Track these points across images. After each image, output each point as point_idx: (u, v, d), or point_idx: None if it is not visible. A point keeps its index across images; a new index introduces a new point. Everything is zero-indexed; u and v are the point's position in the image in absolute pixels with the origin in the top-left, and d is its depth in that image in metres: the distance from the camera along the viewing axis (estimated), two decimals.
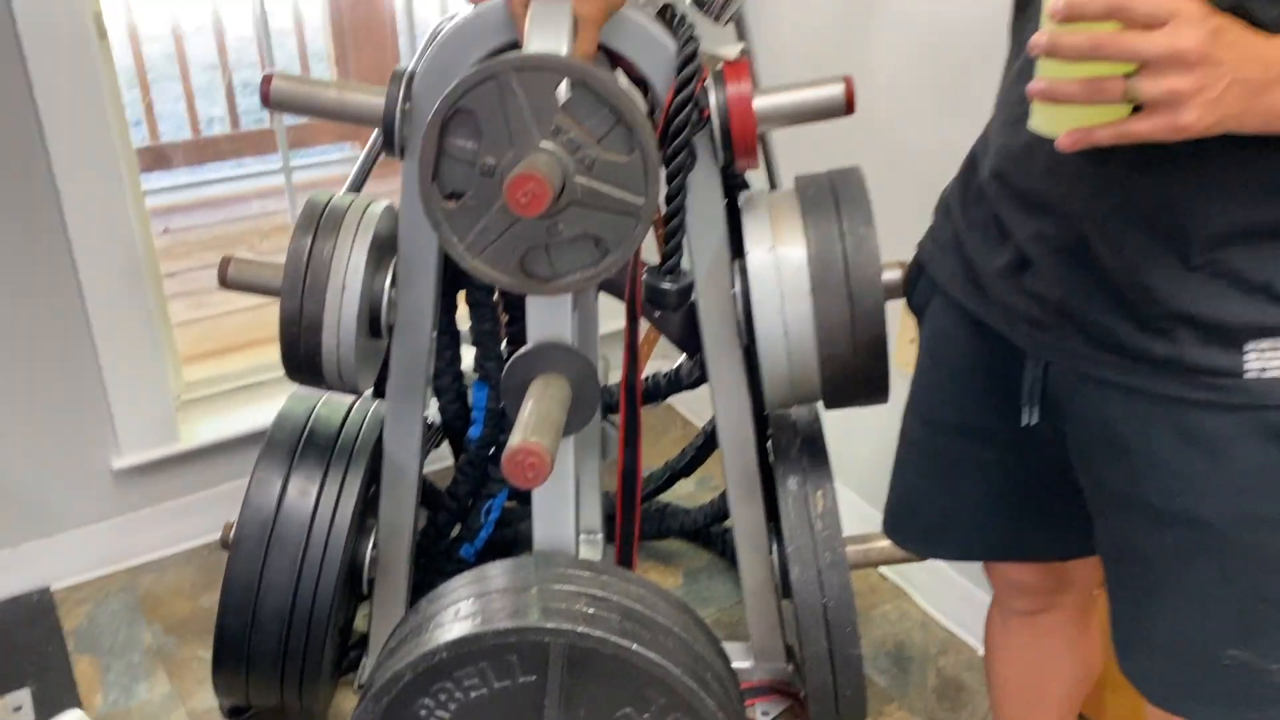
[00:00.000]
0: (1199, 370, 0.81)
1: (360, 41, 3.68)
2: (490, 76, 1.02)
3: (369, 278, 1.29)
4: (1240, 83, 0.67)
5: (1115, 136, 0.69)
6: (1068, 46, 0.67)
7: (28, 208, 1.63)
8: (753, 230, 1.26)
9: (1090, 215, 0.82)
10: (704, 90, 1.19)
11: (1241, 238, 0.78)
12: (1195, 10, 0.65)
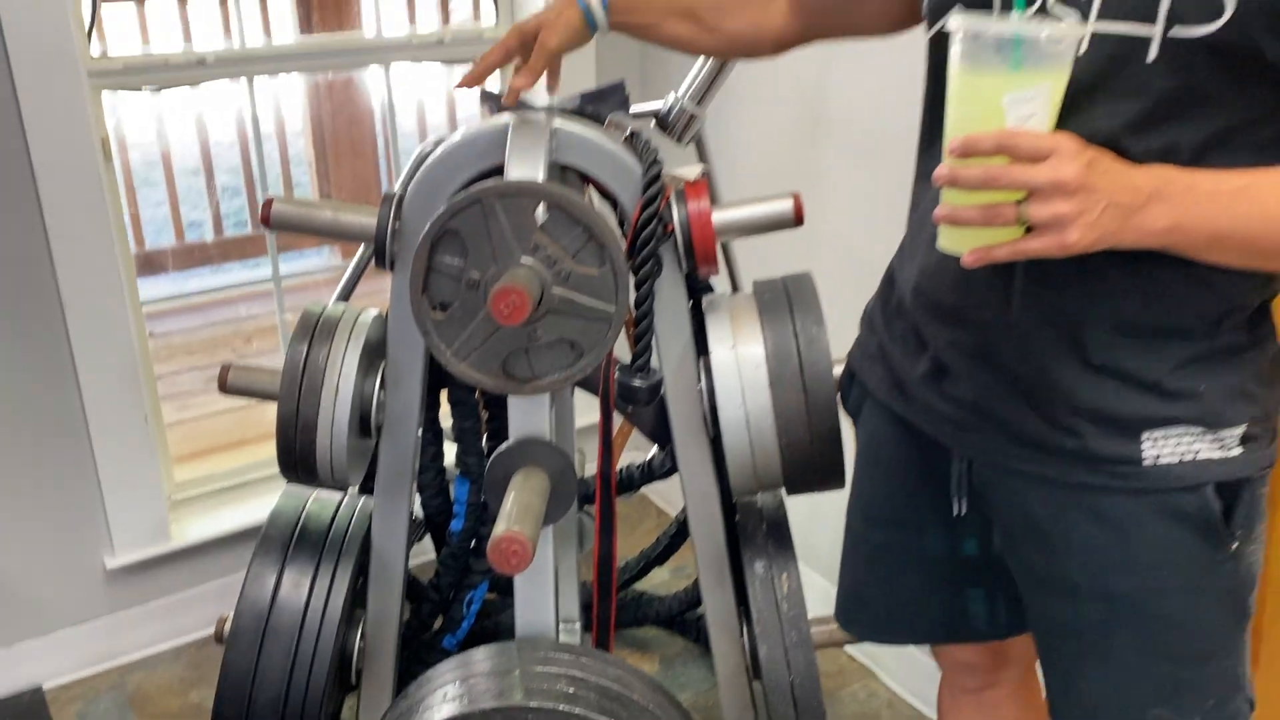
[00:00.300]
0: (1103, 460, 0.92)
1: (341, 150, 3.84)
2: (476, 201, 1.14)
3: (360, 381, 1.39)
4: (1115, 206, 0.78)
5: (1012, 254, 0.79)
6: (966, 178, 0.78)
7: (33, 315, 1.73)
8: (715, 330, 1.38)
9: (997, 324, 0.93)
10: (668, 207, 1.31)
11: (1130, 339, 0.89)
12: (1072, 145, 0.77)
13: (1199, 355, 0.90)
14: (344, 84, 3.59)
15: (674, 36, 1.23)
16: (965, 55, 0.80)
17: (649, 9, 1.21)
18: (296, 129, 3.97)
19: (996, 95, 0.79)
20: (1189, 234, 0.81)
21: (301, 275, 3.43)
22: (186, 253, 3.70)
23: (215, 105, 3.56)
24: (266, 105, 3.55)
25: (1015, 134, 0.77)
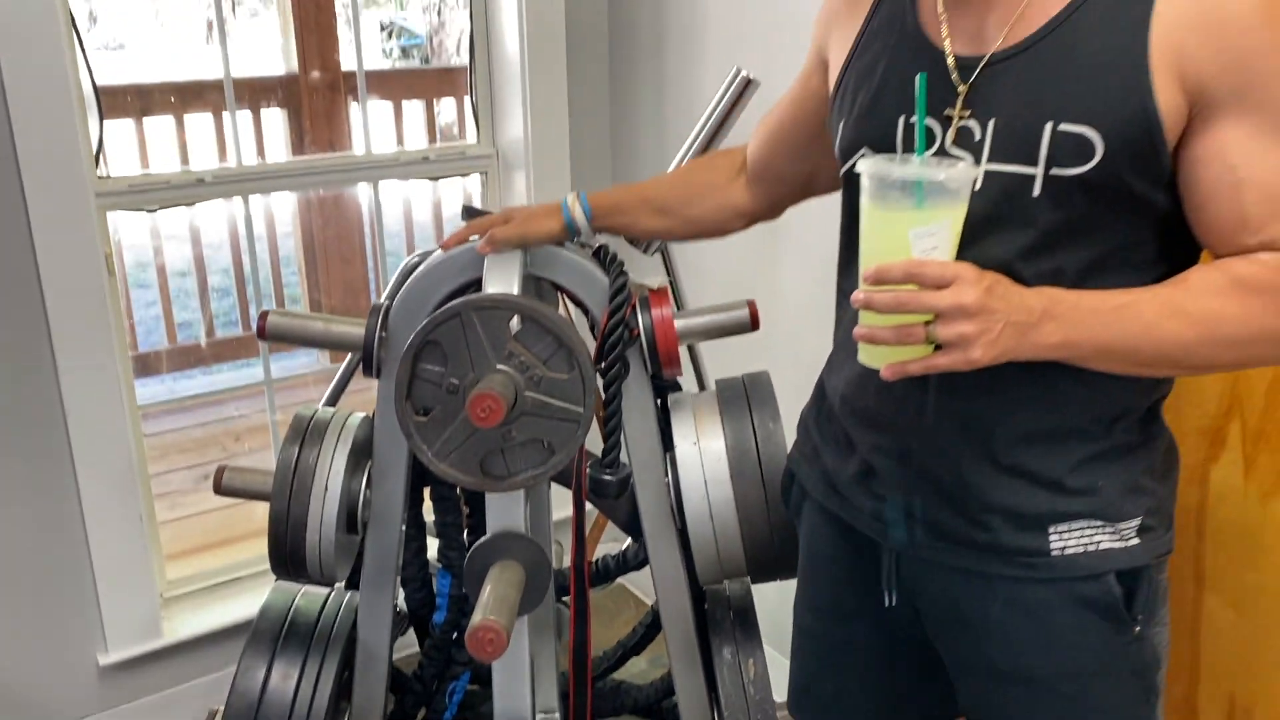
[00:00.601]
0: (1015, 552, 1.00)
1: (330, 256, 3.98)
2: (455, 315, 1.25)
3: (348, 481, 1.48)
4: (1012, 325, 0.87)
5: (924, 368, 0.89)
6: (879, 303, 0.87)
7: (36, 418, 1.83)
8: (679, 427, 1.48)
9: (915, 429, 1.02)
10: (633, 314, 1.42)
11: (1034, 441, 0.99)
12: (972, 272, 0.87)
13: (1096, 454, 0.99)
14: (334, 195, 3.75)
15: (650, 230, 1.39)
16: (874, 194, 0.91)
17: (624, 212, 1.36)
18: (286, 230, 4.12)
19: (903, 229, 0.89)
20: (1079, 347, 0.90)
21: (291, 376, 3.53)
22: (180, 354, 3.80)
23: (209, 211, 3.70)
24: (259, 212, 3.70)
25: (921, 263, 0.87)
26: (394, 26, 9.69)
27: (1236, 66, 0.86)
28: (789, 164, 1.27)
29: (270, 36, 4.93)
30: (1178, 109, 0.88)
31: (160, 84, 3.68)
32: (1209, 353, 0.92)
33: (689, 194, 1.36)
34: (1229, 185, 0.89)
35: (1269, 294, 0.89)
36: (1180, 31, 0.87)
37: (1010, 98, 0.93)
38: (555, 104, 2.21)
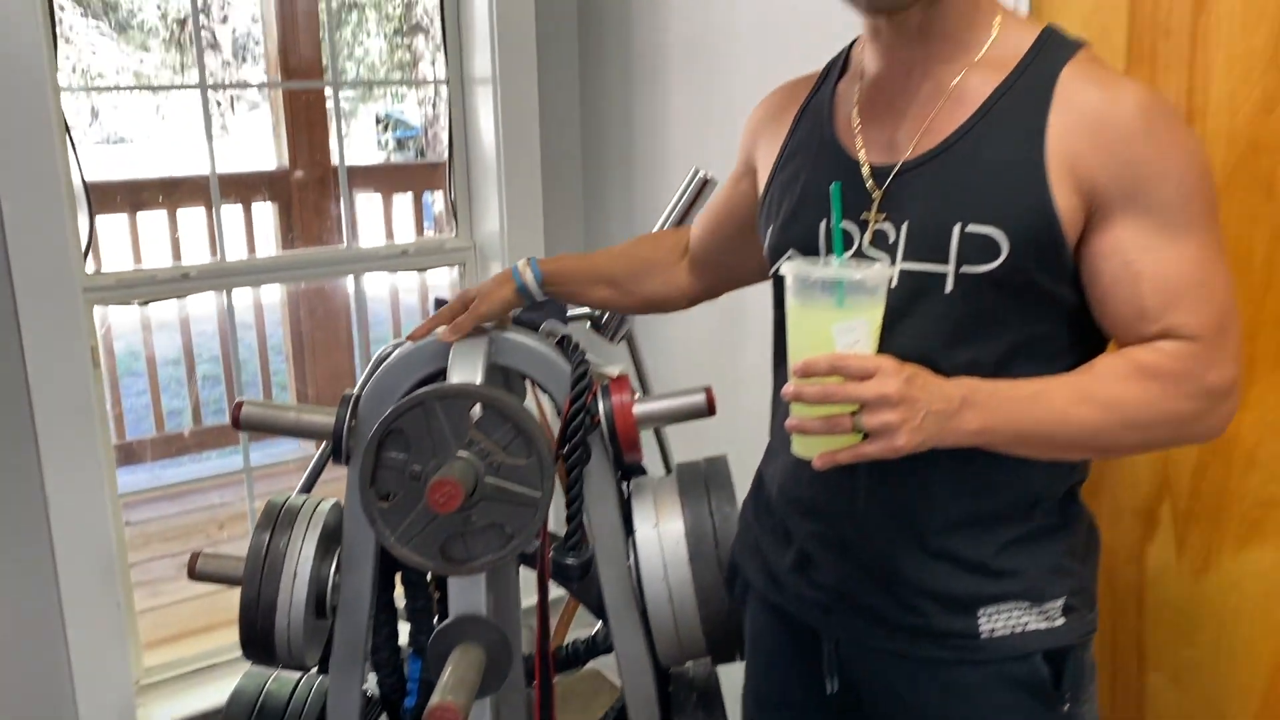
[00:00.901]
0: (946, 635, 1.04)
1: (317, 343, 4.05)
2: (419, 404, 1.31)
3: (317, 566, 1.52)
4: (933, 413, 0.92)
5: (852, 457, 0.92)
6: (807, 395, 0.92)
7: (18, 508, 1.87)
8: (640, 510, 1.52)
9: (848, 517, 1.07)
10: (594, 401, 1.48)
11: (960, 527, 1.03)
12: (893, 364, 0.92)
13: (1019, 537, 1.04)
14: (321, 285, 3.84)
15: (599, 300, 1.45)
16: (798, 294, 0.97)
17: (573, 280, 1.43)
18: (276, 318, 4.20)
19: (827, 326, 0.94)
20: (997, 433, 0.96)
21: (275, 464, 3.56)
22: (164, 443, 3.85)
23: (200, 301, 3.79)
24: (247, 302, 3.79)
25: (844, 357, 0.91)
26: (390, 119, 9.94)
27: (1125, 172, 0.94)
28: (723, 254, 1.35)
29: (264, 132, 5.08)
30: (1075, 210, 0.96)
31: (154, 179, 3.80)
32: (1116, 436, 0.97)
33: (636, 269, 1.43)
34: (1127, 279, 0.96)
35: (1168, 380, 0.95)
36: (1072, 140, 0.95)
37: (921, 202, 1.00)
38: (530, 199, 2.31)
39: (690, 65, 2.10)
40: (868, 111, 1.07)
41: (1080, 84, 0.96)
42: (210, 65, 9.40)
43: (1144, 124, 0.94)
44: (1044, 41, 1.00)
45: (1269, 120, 1.18)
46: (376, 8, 8.87)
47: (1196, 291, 0.95)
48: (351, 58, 9.45)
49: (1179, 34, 1.24)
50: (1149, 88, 0.97)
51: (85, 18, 8.95)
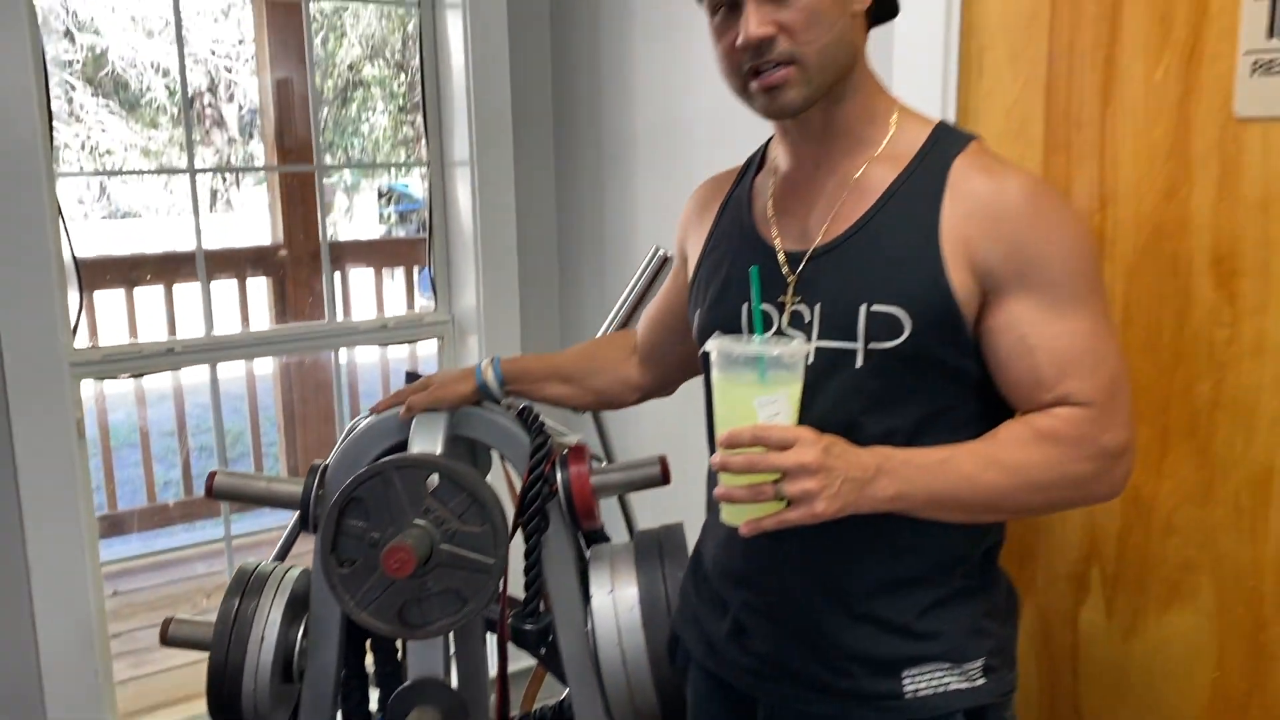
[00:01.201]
0: (874, 696, 1.09)
1: (308, 412, 4.12)
2: (378, 473, 1.37)
3: (284, 631, 1.57)
4: (850, 480, 0.98)
5: (776, 524, 0.98)
6: (732, 465, 0.97)
7: None
8: (596, 577, 1.57)
9: (777, 585, 1.13)
10: (552, 470, 1.55)
11: (882, 591, 1.09)
12: (810, 434, 0.98)
13: (938, 600, 1.09)
14: (312, 357, 3.93)
15: (556, 396, 1.53)
16: (722, 369, 1.03)
17: (532, 379, 1.50)
18: (268, 386, 4.27)
19: (750, 399, 1.01)
20: (910, 499, 1.02)
21: (259, 532, 3.61)
22: (153, 513, 3.90)
23: (194, 372, 3.87)
24: (241, 373, 3.87)
25: (766, 428, 0.98)
26: (392, 192, 10.13)
27: (1014, 254, 1.02)
28: (669, 346, 1.42)
29: (261, 209, 5.22)
30: (970, 289, 1.03)
31: (151, 255, 3.91)
32: (1022, 498, 1.04)
33: (591, 367, 1.51)
34: (1023, 352, 1.03)
35: (1066, 443, 1.02)
36: (965, 226, 1.03)
37: (831, 285, 1.07)
38: (506, 275, 2.39)
39: (655, 151, 2.20)
40: (781, 203, 1.15)
41: (970, 174, 1.05)
42: (217, 141, 9.64)
43: (1030, 209, 1.02)
44: (937, 136, 1.09)
45: (1170, 206, 1.26)
46: (382, 84, 9.11)
47: (1087, 361, 1.02)
48: (356, 133, 9.69)
49: (1090, 126, 1.33)
50: (1033, 176, 1.06)
51: (96, 97, 9.20)
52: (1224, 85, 1.20)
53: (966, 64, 1.47)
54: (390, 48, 8.54)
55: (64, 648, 1.97)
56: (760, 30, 1.02)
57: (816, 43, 1.03)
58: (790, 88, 1.04)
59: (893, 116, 1.12)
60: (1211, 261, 1.23)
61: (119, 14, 8.51)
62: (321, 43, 8.54)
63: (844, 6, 1.05)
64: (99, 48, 8.95)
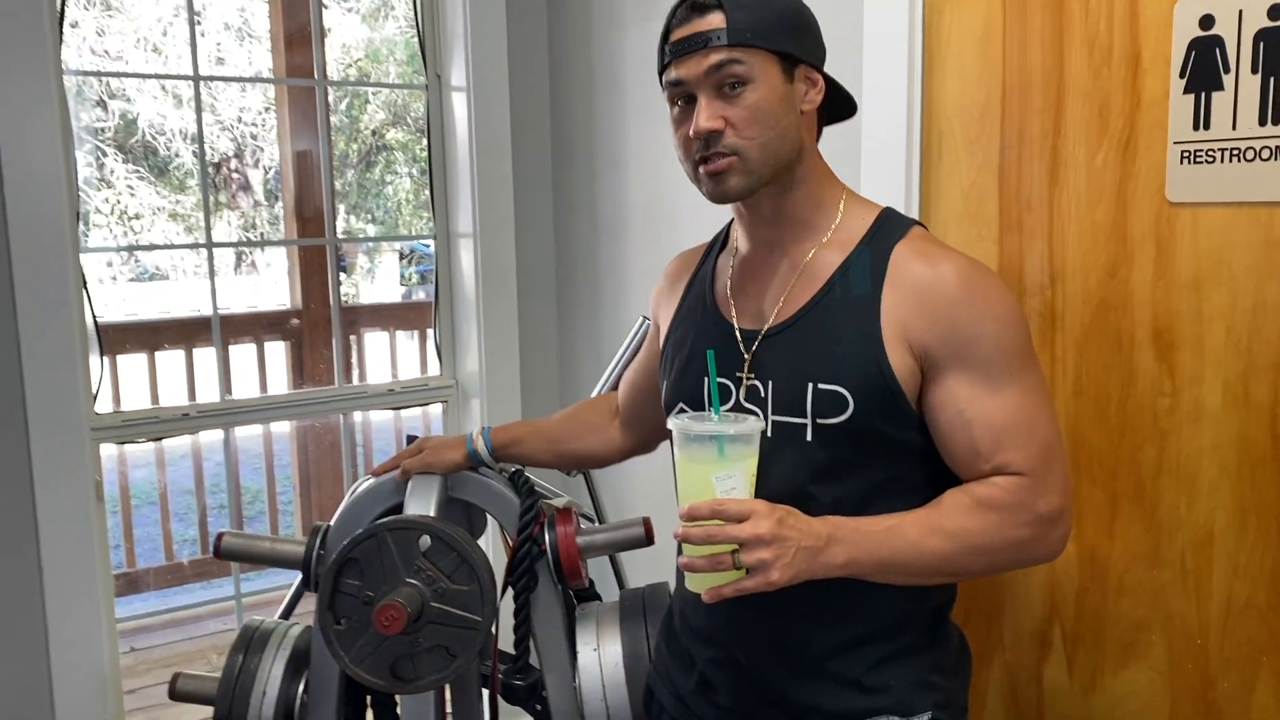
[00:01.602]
0: None
1: (322, 473, 4.22)
2: (372, 535, 1.46)
3: (285, 686, 1.64)
4: (803, 549, 1.04)
5: (735, 591, 1.04)
6: (693, 536, 1.04)
7: (19, 633, 2.00)
8: (583, 634, 1.64)
9: (738, 643, 1.20)
10: (541, 531, 1.63)
11: (835, 648, 1.16)
12: (765, 507, 1.04)
13: (887, 655, 1.16)
14: (326, 420, 4.04)
15: (544, 461, 1.62)
16: (682, 446, 1.10)
17: (521, 445, 1.59)
18: (285, 445, 4.38)
19: (709, 474, 1.06)
20: (860, 565, 1.08)
21: (270, 590, 3.69)
22: (169, 571, 3.99)
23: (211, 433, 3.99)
24: (257, 432, 3.98)
25: (723, 502, 1.03)
26: (414, 253, 10.33)
27: (949, 335, 1.10)
28: (647, 409, 1.50)
29: (284, 270, 5.37)
30: (910, 369, 1.11)
31: (172, 320, 4.05)
32: (965, 561, 1.11)
33: (575, 430, 1.60)
34: (961, 425, 1.11)
35: (1004, 510, 1.09)
36: (902, 310, 1.11)
37: (782, 364, 1.16)
38: (507, 342, 2.50)
39: (646, 223, 2.31)
40: (739, 284, 1.24)
41: (909, 259, 1.13)
42: (243, 205, 9.88)
43: (963, 294, 1.10)
44: (881, 222, 1.18)
45: (1113, 283, 1.34)
46: (405, 149, 9.34)
47: (1021, 433, 1.10)
48: (379, 195, 9.91)
49: (1039, 208, 1.42)
50: (968, 260, 1.14)
51: (126, 163, 9.48)
52: (1157, 172, 1.29)
53: (928, 149, 1.56)
54: (413, 113, 8.79)
55: (78, 702, 2.05)
56: (709, 124, 1.12)
57: (759, 139, 1.13)
58: (732, 175, 1.14)
59: (840, 203, 1.21)
60: (1152, 335, 1.31)
61: (150, 83, 8.80)
62: (346, 108, 8.80)
63: (789, 107, 1.15)
64: (130, 114, 9.25)
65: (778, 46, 1.13)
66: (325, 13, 2.58)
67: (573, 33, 2.49)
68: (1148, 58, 1.29)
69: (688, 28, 1.14)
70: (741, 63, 1.12)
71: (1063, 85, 1.38)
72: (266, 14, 4.34)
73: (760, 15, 1.13)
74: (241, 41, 8.92)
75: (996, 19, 1.46)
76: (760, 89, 1.13)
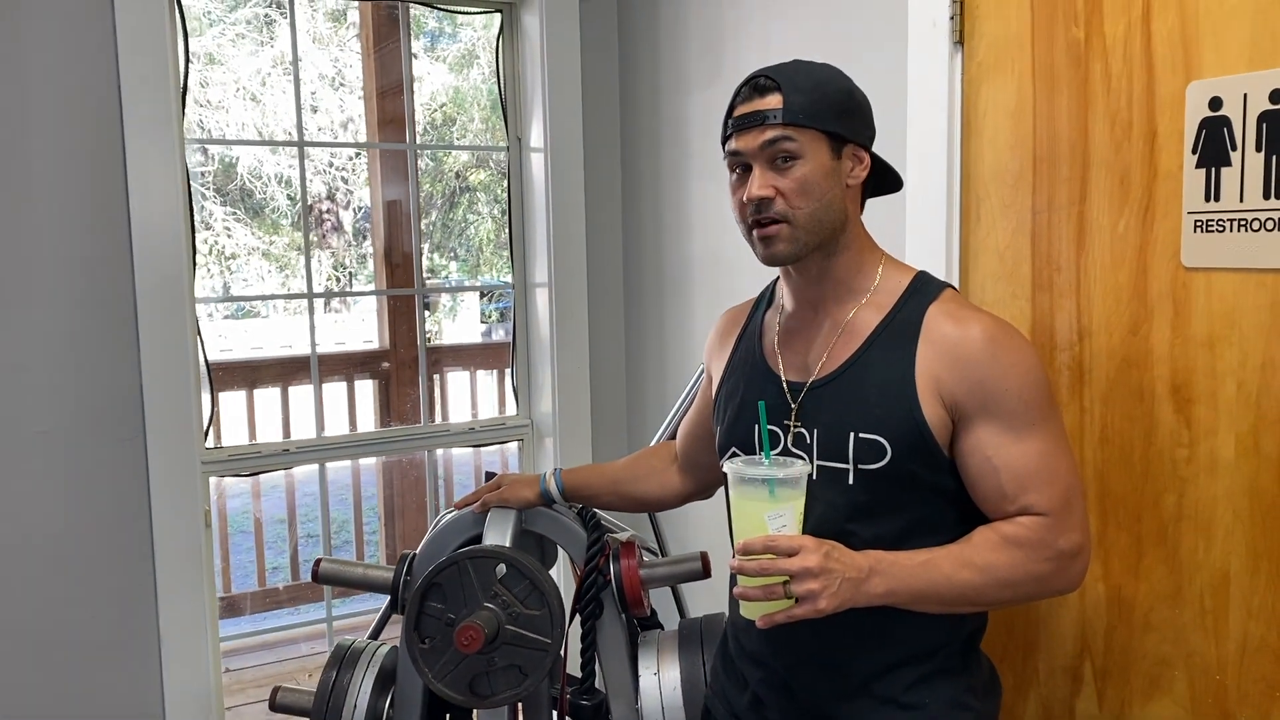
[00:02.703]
0: None
1: (406, 504, 4.43)
2: (454, 563, 1.62)
3: (373, 700, 1.80)
4: (847, 580, 1.16)
5: (786, 618, 1.16)
6: (747, 569, 1.15)
7: (134, 650, 2.21)
8: (644, 660, 1.78)
9: (787, 666, 1.33)
10: (606, 563, 1.77)
11: (876, 671, 1.27)
12: (813, 543, 1.16)
13: (923, 676, 1.27)
14: (411, 456, 4.25)
15: (607, 504, 1.76)
16: (736, 487, 1.19)
17: (588, 488, 1.74)
18: (371, 477, 4.60)
19: (761, 513, 1.16)
20: (898, 595, 1.20)
21: (358, 614, 3.89)
22: (264, 596, 4.22)
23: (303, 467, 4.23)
24: (346, 465, 4.20)
25: (775, 538, 1.14)
26: (494, 291, 10.64)
27: (977, 389, 1.22)
28: (703, 455, 1.63)
29: (372, 310, 5.63)
30: (941, 419, 1.23)
31: (270, 359, 4.31)
32: (993, 593, 1.22)
33: (637, 474, 1.74)
34: (989, 470, 1.22)
35: (1027, 547, 1.20)
36: (934, 366, 1.23)
37: (826, 413, 1.28)
38: (579, 385, 2.66)
39: (708, 276, 2.45)
40: (785, 339, 1.37)
41: (940, 320, 1.25)
42: (335, 244, 10.29)
43: (988, 352, 1.22)
44: (915, 286, 1.30)
45: (1135, 340, 1.44)
46: (487, 190, 9.64)
47: (1043, 477, 1.21)
48: (461, 234, 10.24)
49: (1067, 269, 1.53)
50: (994, 320, 1.25)
51: (223, 205, 9.97)
52: (1174, 238, 1.39)
53: (966, 213, 1.68)
54: (494, 157, 9.11)
55: (186, 715, 2.25)
56: (760, 191, 1.26)
57: (806, 209, 1.26)
58: (780, 240, 1.28)
59: (879, 267, 1.33)
60: (1170, 390, 1.41)
61: (248, 130, 9.27)
62: (431, 154, 9.15)
63: (835, 180, 1.28)
64: (229, 159, 9.74)
65: (827, 127, 1.26)
66: (414, 62, 2.79)
67: (642, 97, 2.67)
68: (1163, 134, 1.39)
69: (749, 105, 1.28)
70: (793, 140, 1.25)
71: (1088, 156, 1.49)
72: (359, 66, 4.62)
73: (813, 99, 1.26)
74: (335, 90, 9.35)
75: (1027, 94, 1.58)
76: (809, 164, 1.26)
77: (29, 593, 2.16)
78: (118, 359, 2.20)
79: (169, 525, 2.22)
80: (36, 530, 2.16)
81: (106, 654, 2.22)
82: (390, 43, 4.06)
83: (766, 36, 2.21)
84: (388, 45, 4.06)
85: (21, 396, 2.13)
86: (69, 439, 2.17)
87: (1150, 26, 1.40)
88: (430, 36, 8.72)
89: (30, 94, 2.10)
